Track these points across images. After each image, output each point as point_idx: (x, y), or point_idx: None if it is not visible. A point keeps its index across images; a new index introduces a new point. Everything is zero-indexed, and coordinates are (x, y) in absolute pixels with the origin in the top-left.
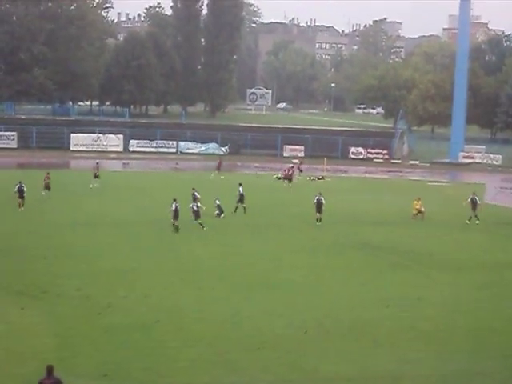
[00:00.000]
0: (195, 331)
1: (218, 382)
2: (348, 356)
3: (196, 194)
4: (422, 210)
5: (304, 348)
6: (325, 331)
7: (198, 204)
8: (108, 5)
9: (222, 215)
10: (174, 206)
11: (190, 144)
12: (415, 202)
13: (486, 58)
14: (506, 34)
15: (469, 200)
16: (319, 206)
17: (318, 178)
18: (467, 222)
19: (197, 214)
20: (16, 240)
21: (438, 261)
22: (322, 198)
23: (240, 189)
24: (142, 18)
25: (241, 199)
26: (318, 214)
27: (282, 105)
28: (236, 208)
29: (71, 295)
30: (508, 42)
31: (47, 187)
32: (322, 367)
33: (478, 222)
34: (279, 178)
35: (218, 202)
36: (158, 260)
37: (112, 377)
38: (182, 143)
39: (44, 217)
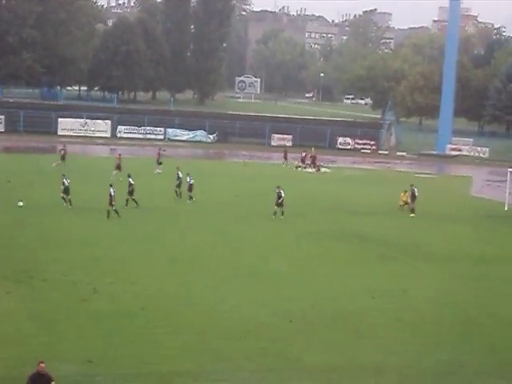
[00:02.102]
0: (181, 319)
1: (203, 370)
2: (333, 346)
3: (179, 173)
4: (409, 201)
5: (289, 337)
6: (310, 321)
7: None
8: None
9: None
10: (111, 191)
11: (177, 131)
12: (402, 193)
13: (475, 51)
14: (496, 27)
15: (409, 192)
16: (279, 198)
17: (317, 169)
18: (411, 215)
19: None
20: (1, 225)
21: (425, 253)
22: (282, 191)
23: (179, 173)
24: (132, 4)
25: (189, 188)
26: (276, 207)
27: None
28: (190, 197)
29: (57, 280)
30: (497, 35)
31: (118, 167)
32: (306, 357)
33: (412, 215)
34: (298, 167)
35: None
36: (145, 248)
37: (97, 363)
38: (169, 130)
39: (29, 202)
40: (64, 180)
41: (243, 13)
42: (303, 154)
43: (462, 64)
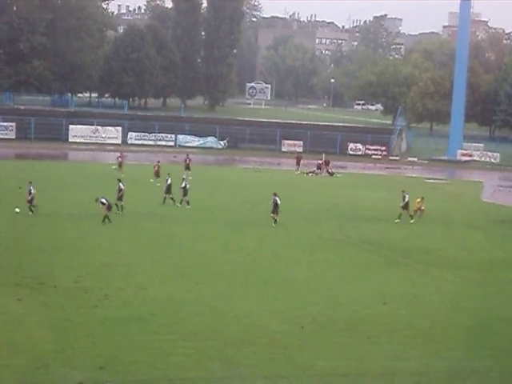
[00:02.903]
0: (191, 325)
1: (214, 377)
2: (344, 352)
3: (169, 180)
4: (422, 208)
5: (300, 344)
6: (321, 327)
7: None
8: None
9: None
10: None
11: (188, 137)
12: (418, 200)
13: (486, 56)
14: (506, 32)
15: (406, 200)
16: (275, 207)
17: (330, 174)
18: (396, 220)
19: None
20: (12, 231)
21: (436, 258)
22: (278, 198)
23: (169, 179)
24: (142, 11)
25: (184, 193)
26: (272, 214)
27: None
28: (181, 201)
29: (68, 287)
30: (508, 41)
31: (157, 174)
32: (317, 363)
33: (397, 220)
34: (309, 173)
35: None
36: (155, 254)
37: (108, 369)
38: (180, 136)
39: (40, 209)
40: (120, 184)
41: (253, 19)
42: (320, 162)
43: (472, 69)
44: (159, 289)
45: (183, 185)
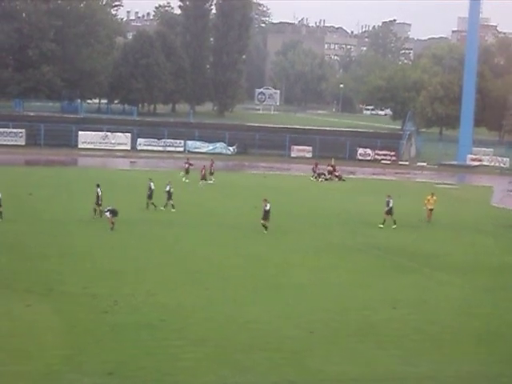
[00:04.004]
0: (201, 331)
1: (223, 382)
2: (354, 357)
3: (151, 184)
4: (432, 207)
5: (310, 349)
6: (331, 332)
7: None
8: (117, 3)
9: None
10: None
11: (197, 143)
12: (429, 197)
13: (495, 61)
14: None
15: (390, 205)
16: (266, 214)
17: (339, 178)
18: (379, 225)
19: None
20: (21, 238)
21: (445, 263)
22: (269, 204)
23: (151, 184)
24: (152, 17)
25: (169, 197)
26: (263, 221)
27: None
28: (166, 205)
29: (77, 293)
30: None
31: (203, 178)
32: (327, 368)
33: (381, 226)
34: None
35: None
36: (164, 259)
37: (117, 375)
38: (189, 142)
39: (50, 215)
40: (150, 184)
41: (262, 25)
42: (329, 167)
43: (481, 74)
44: (168, 295)
45: (167, 188)
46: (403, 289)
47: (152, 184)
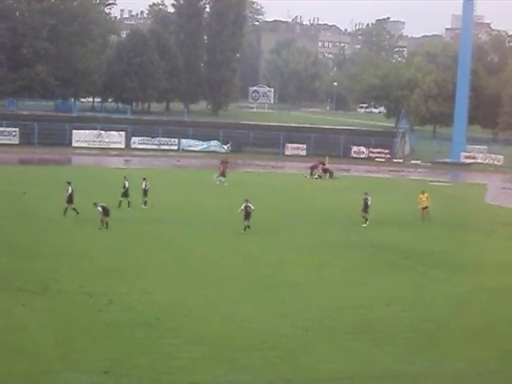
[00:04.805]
0: (196, 329)
1: (218, 381)
2: (349, 355)
3: (126, 182)
4: (426, 205)
5: (305, 347)
6: (326, 330)
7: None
8: (111, 1)
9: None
10: (69, 189)
11: (191, 141)
12: (420, 195)
13: (489, 59)
14: (509, 34)
15: (368, 203)
16: (247, 214)
17: (330, 175)
18: (363, 225)
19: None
20: (17, 236)
21: (440, 261)
22: (250, 204)
23: (126, 182)
24: (145, 15)
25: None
26: (245, 221)
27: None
28: (145, 202)
29: (73, 291)
30: (511, 42)
31: (223, 174)
32: (322, 366)
33: (365, 225)
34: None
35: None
36: (160, 258)
37: (113, 373)
38: (183, 141)
39: (44, 213)
40: (125, 182)
41: (256, 23)
42: (323, 165)
43: (475, 72)
44: (164, 293)
45: (143, 186)
46: (398, 286)
47: (127, 182)
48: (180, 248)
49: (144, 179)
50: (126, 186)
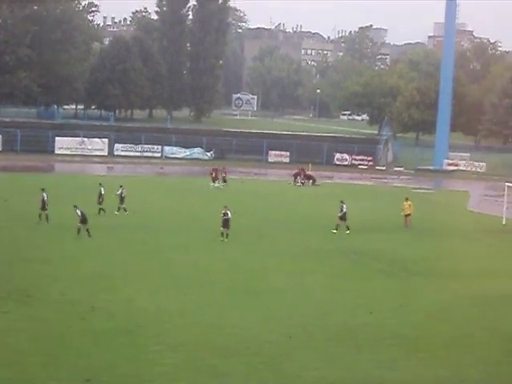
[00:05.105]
0: (179, 336)
1: None
2: (331, 362)
3: (102, 189)
4: (409, 212)
5: (288, 353)
6: (308, 337)
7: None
8: (94, 9)
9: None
10: (44, 195)
11: (174, 149)
12: (404, 202)
13: (471, 66)
14: (491, 41)
15: (344, 210)
16: (225, 221)
17: (313, 183)
18: (333, 231)
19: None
20: (0, 244)
21: (423, 268)
22: (229, 212)
23: (121, 191)
24: (128, 22)
25: (121, 200)
26: (223, 229)
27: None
28: (119, 209)
29: (55, 299)
30: (493, 50)
31: (224, 180)
32: (305, 373)
33: (334, 231)
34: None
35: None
36: (143, 265)
37: (95, 382)
38: (166, 148)
39: (26, 221)
40: (100, 188)
41: (239, 30)
42: (306, 172)
43: (458, 79)
44: (146, 300)
45: (119, 192)
46: (380, 293)
47: (102, 189)
48: (163, 254)
49: (120, 186)
50: (102, 192)
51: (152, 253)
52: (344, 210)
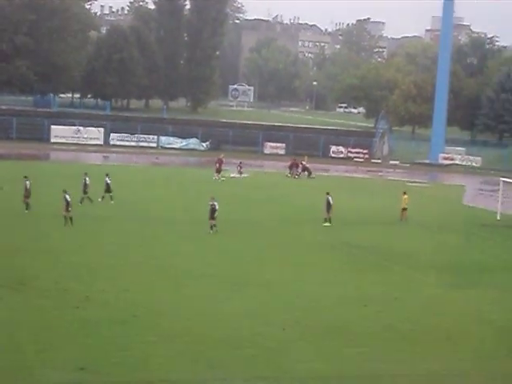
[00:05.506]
0: (173, 327)
1: (195, 379)
2: (325, 354)
3: (86, 179)
4: (406, 206)
5: (281, 346)
6: (303, 330)
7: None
8: None
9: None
10: (27, 184)
11: (171, 139)
12: (405, 197)
13: (468, 60)
14: (488, 36)
15: (331, 202)
16: (212, 212)
17: (309, 175)
18: (324, 224)
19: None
20: None
21: (417, 261)
22: (216, 203)
23: (107, 179)
24: (126, 12)
25: (107, 189)
26: (210, 220)
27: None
28: (103, 197)
29: (49, 288)
30: (490, 45)
31: (218, 171)
32: (299, 365)
33: (328, 224)
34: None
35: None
36: (139, 256)
37: (88, 370)
38: (162, 138)
39: (22, 210)
40: (85, 178)
41: (236, 21)
42: (302, 164)
43: (455, 73)
44: (141, 291)
45: (107, 181)
46: (375, 286)
47: (87, 179)
48: (159, 246)
49: (106, 175)
50: (87, 182)
51: (147, 243)
52: (331, 202)
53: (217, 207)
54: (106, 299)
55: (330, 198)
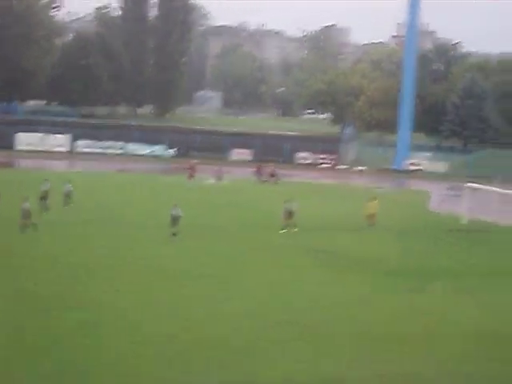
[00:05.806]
0: (152, 329)
1: (171, 382)
2: (298, 358)
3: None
4: (374, 212)
5: (255, 350)
6: (276, 333)
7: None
8: (57, 4)
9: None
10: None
11: (137, 146)
12: (374, 202)
13: (434, 67)
14: (454, 42)
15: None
16: (175, 220)
17: (276, 181)
18: (280, 231)
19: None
20: None
21: (387, 267)
22: (179, 209)
23: (47, 185)
24: (91, 18)
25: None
26: (172, 228)
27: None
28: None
29: (32, 290)
30: (454, 51)
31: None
32: (274, 369)
33: (296, 229)
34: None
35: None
36: (120, 258)
37: (70, 371)
38: (129, 144)
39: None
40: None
41: (203, 27)
42: (270, 170)
43: (420, 79)
44: (118, 293)
45: (66, 188)
46: (345, 291)
47: (48, 185)
48: (147, 249)
49: (68, 181)
50: (46, 189)
51: (129, 246)
52: (293, 208)
53: (181, 214)
54: (82, 302)
55: (291, 205)
